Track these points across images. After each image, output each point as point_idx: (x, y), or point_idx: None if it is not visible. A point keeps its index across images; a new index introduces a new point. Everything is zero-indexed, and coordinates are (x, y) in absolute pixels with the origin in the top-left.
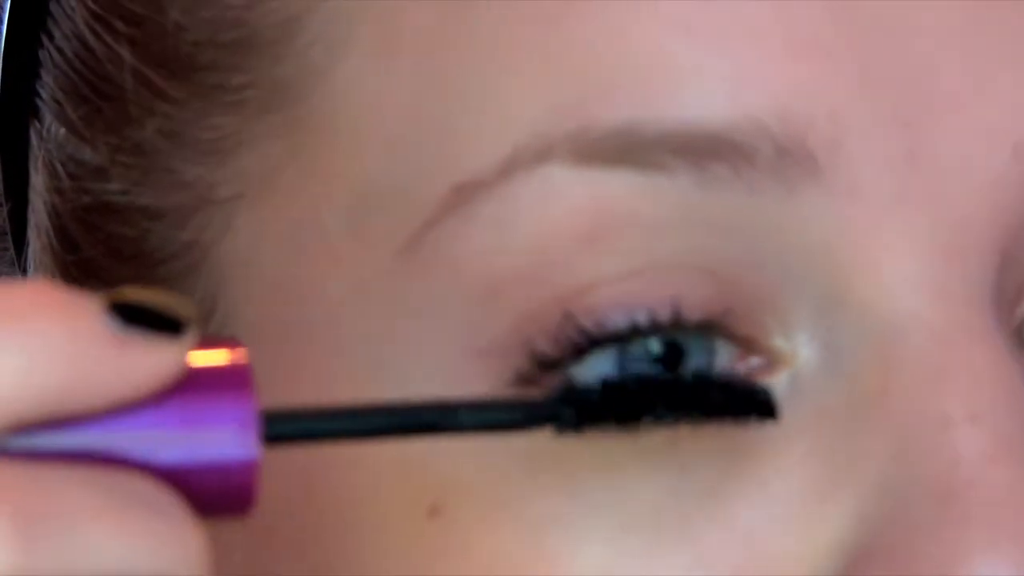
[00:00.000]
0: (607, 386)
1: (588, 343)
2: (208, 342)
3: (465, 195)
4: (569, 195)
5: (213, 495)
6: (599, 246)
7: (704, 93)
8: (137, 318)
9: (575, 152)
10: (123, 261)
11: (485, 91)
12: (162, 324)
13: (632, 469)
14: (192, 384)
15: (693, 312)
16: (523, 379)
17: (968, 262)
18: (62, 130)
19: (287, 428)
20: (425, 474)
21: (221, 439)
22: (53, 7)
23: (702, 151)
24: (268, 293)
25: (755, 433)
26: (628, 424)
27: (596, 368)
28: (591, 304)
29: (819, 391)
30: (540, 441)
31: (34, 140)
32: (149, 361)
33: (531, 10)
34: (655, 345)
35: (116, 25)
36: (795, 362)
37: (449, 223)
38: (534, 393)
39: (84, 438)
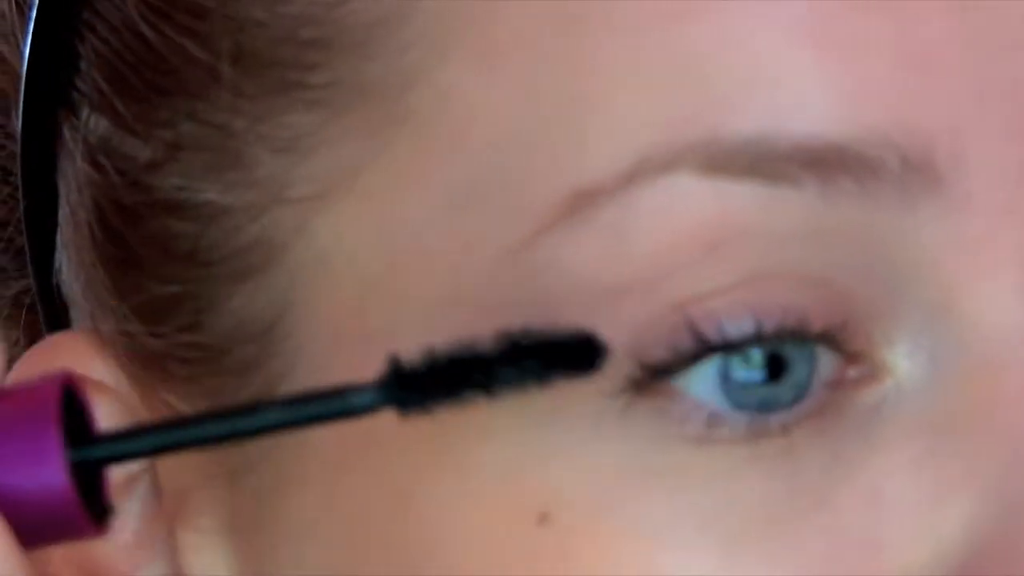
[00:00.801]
0: (433, 361)
1: (702, 349)
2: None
3: (584, 201)
4: (694, 205)
5: (38, 522)
6: (719, 256)
7: (831, 106)
8: None
9: (703, 162)
10: (172, 258)
11: (606, 97)
12: None
13: (744, 477)
14: (4, 412)
15: (812, 323)
16: (634, 385)
17: None
18: (104, 123)
19: (96, 451)
20: (534, 481)
21: (28, 468)
22: (96, 1)
23: (830, 164)
24: (352, 296)
25: (864, 442)
26: (455, 398)
27: (701, 378)
28: (707, 311)
29: (924, 401)
30: (651, 449)
31: (68, 134)
32: None
33: (650, 15)
34: (757, 356)
35: (179, 18)
36: (898, 373)
37: (564, 229)
38: (643, 403)
39: None
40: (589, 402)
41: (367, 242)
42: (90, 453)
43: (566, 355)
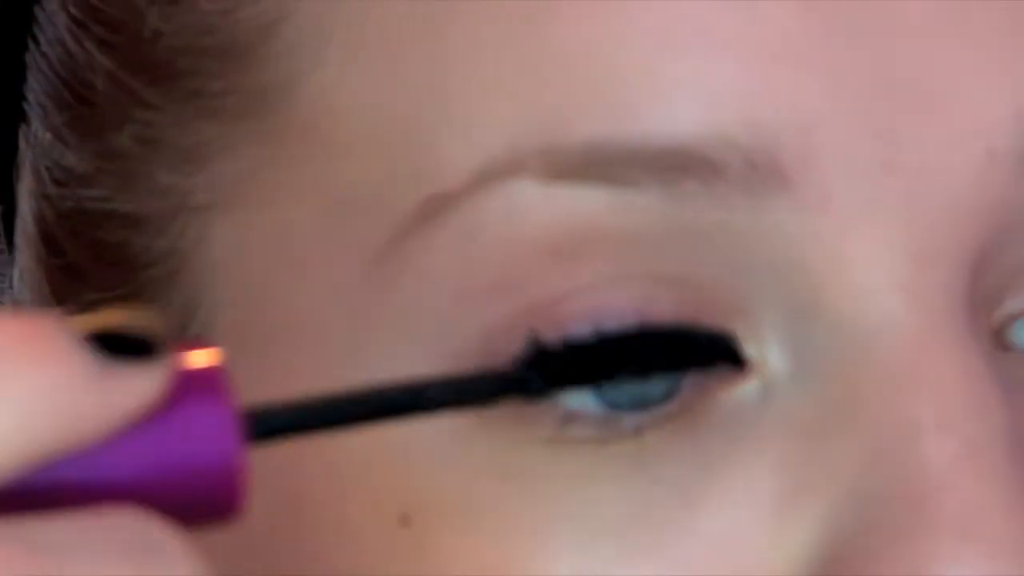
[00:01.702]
0: (574, 347)
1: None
2: (184, 346)
3: (435, 206)
4: (539, 210)
5: (202, 503)
6: (568, 260)
7: (673, 107)
8: (113, 345)
9: (545, 167)
10: (108, 266)
11: (458, 101)
12: (138, 348)
13: (602, 478)
14: (170, 396)
15: (662, 318)
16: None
17: (941, 267)
18: (47, 135)
19: (266, 427)
20: (396, 483)
21: (203, 446)
22: (38, 12)
23: (672, 166)
24: (246, 299)
25: (729, 442)
26: (598, 382)
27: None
28: (557, 316)
29: (790, 399)
30: (507, 451)
31: (22, 145)
32: (130, 389)
33: (506, 20)
34: None
35: (95, 30)
36: (765, 370)
37: (420, 234)
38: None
39: (71, 471)
40: (458, 424)
41: (256, 249)
42: (262, 428)
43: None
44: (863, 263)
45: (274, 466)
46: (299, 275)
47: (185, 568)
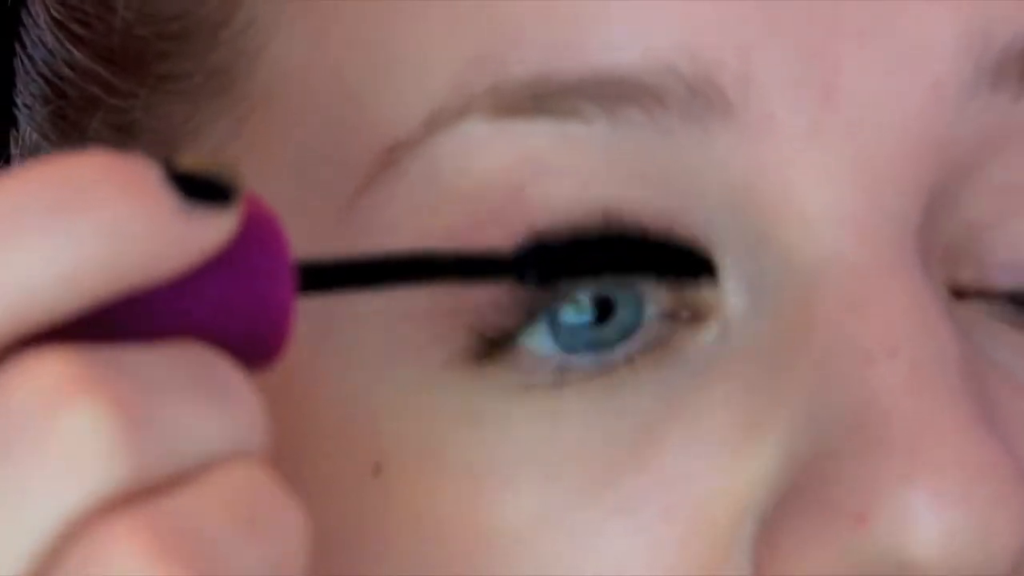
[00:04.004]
0: (576, 243)
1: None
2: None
3: (394, 155)
4: (492, 149)
5: (254, 344)
6: (526, 199)
7: (612, 38)
8: (195, 189)
9: (493, 106)
10: None
11: (405, 49)
12: (217, 193)
13: (564, 418)
14: (235, 241)
15: (626, 224)
16: (469, 350)
17: (888, 197)
18: (34, 136)
19: (317, 278)
20: (369, 433)
21: (263, 290)
22: (24, 16)
23: (614, 96)
24: None
25: (691, 382)
26: (591, 275)
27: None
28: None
29: (747, 335)
30: (479, 395)
31: (13, 150)
32: (209, 231)
33: None
34: (584, 301)
35: (70, 27)
36: (724, 311)
37: (381, 185)
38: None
39: (147, 305)
40: (430, 364)
41: None
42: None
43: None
44: (809, 192)
45: None
46: None
47: (250, 404)
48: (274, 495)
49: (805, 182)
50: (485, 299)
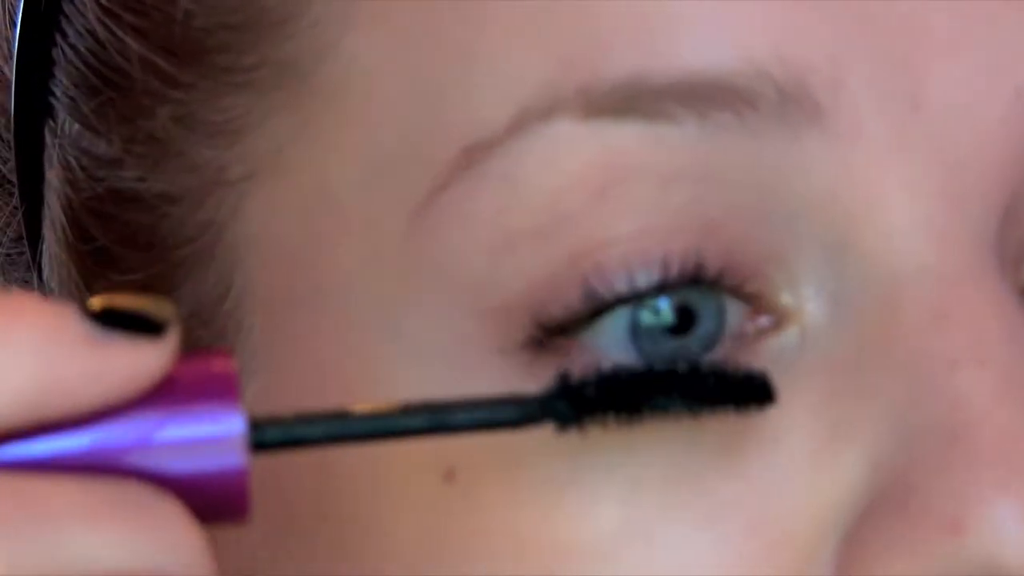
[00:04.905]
0: (603, 378)
1: (600, 306)
2: (198, 353)
3: (475, 155)
4: (579, 149)
5: (205, 502)
6: (610, 201)
7: (706, 40)
8: (115, 322)
9: (583, 106)
10: (138, 249)
11: (488, 50)
12: (140, 326)
13: (645, 428)
14: (180, 392)
15: (706, 269)
16: (534, 342)
17: (971, 205)
18: (76, 126)
19: (275, 434)
20: (439, 440)
21: (209, 446)
22: (66, 6)
23: (706, 98)
24: (282, 267)
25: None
26: (627, 416)
27: (610, 331)
28: (601, 263)
29: (827, 343)
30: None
31: (48, 139)
32: (127, 361)
33: None
34: (666, 307)
35: (124, 17)
36: (803, 317)
37: (460, 184)
38: (547, 359)
39: (69, 443)
40: (491, 361)
41: (293, 216)
42: (270, 437)
43: (733, 389)
44: (893, 201)
45: None
46: (338, 239)
47: (182, 529)
48: None
49: (890, 191)
50: (559, 305)
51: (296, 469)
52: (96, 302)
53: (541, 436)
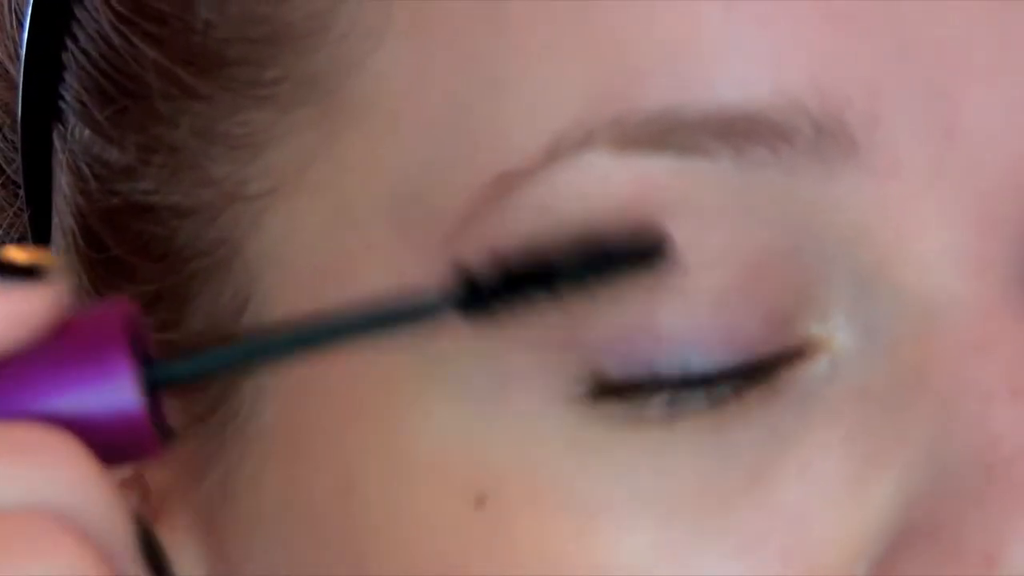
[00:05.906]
0: (500, 261)
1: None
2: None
3: (508, 184)
4: (610, 181)
5: (113, 441)
6: None
7: (740, 74)
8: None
9: (616, 138)
10: (151, 259)
11: (522, 78)
12: (19, 272)
13: (677, 454)
14: (72, 337)
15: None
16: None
17: (1005, 236)
18: (87, 132)
19: (172, 370)
20: (469, 464)
21: (101, 386)
22: (77, 10)
23: (741, 133)
24: (302, 286)
25: (800, 419)
26: (532, 296)
27: None
28: (654, 339)
29: (859, 372)
30: (589, 427)
31: (57, 143)
32: (9, 305)
33: None
34: None
35: (142, 25)
36: (832, 346)
37: (492, 213)
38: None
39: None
40: (529, 397)
41: (315, 233)
42: (160, 371)
43: (629, 255)
44: (928, 232)
45: (336, 454)
46: (360, 260)
47: (73, 469)
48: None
49: (924, 221)
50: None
51: (322, 490)
52: None
53: (573, 461)
